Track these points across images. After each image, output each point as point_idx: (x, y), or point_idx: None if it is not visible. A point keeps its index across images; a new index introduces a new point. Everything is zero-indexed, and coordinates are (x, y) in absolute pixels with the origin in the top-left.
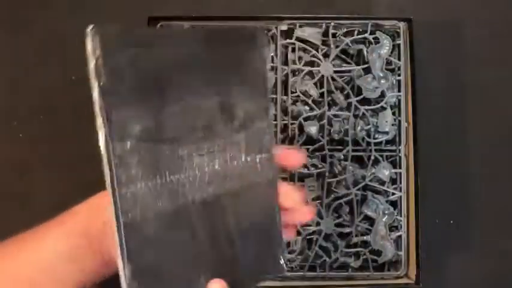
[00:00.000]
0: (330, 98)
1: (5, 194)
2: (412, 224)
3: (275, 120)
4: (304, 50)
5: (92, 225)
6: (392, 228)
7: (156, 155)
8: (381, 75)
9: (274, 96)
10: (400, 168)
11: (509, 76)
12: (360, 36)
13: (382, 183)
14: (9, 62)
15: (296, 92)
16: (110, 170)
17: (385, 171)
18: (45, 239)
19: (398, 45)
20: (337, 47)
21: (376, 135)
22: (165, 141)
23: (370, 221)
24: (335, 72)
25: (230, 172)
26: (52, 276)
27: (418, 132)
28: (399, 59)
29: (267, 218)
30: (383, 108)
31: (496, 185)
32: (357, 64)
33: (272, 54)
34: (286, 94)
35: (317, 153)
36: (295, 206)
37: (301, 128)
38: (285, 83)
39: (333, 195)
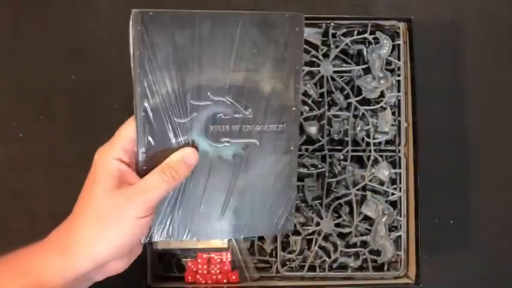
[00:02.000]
0: (329, 98)
1: (5, 194)
2: (412, 224)
3: None
4: (304, 50)
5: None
6: (392, 228)
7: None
8: (381, 75)
9: None
10: (399, 168)
11: (509, 76)
12: (359, 37)
13: (382, 183)
14: (9, 62)
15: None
16: (138, 123)
17: (384, 171)
18: None
19: (398, 45)
20: (337, 47)
21: (376, 136)
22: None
23: (370, 221)
24: (335, 72)
25: (249, 132)
26: None
27: (417, 132)
28: (399, 59)
29: (286, 179)
30: (383, 109)
31: (496, 185)
32: (357, 64)
33: None
34: None
35: (317, 153)
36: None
37: (301, 128)
38: None
39: (332, 195)
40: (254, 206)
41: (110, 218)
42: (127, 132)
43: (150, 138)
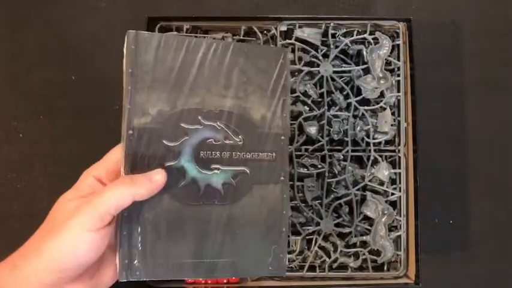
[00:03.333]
0: (329, 99)
1: (5, 194)
2: (412, 224)
3: None
4: (304, 51)
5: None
6: (392, 228)
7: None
8: (381, 75)
9: None
10: (399, 168)
11: (509, 76)
12: (359, 37)
13: (382, 183)
14: (9, 62)
15: (296, 92)
16: (125, 142)
17: (384, 172)
18: None
19: (398, 45)
20: (336, 47)
21: (376, 136)
22: (177, 125)
23: (370, 221)
24: (334, 72)
25: (239, 160)
26: None
27: (417, 132)
28: (398, 59)
29: (277, 212)
30: (382, 109)
31: (496, 185)
32: (357, 64)
33: None
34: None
35: (317, 154)
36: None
37: (300, 128)
38: None
39: (332, 196)
40: (243, 241)
41: (57, 228)
42: (114, 155)
43: (134, 160)
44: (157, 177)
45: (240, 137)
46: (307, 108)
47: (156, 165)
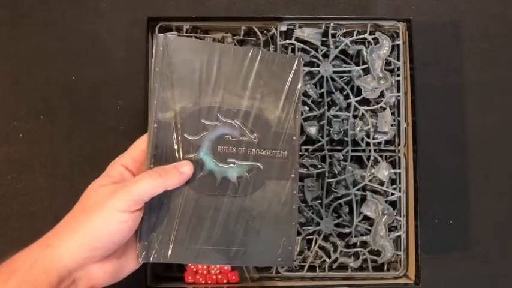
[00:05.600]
0: (329, 99)
1: (5, 194)
2: (412, 224)
3: None
4: (304, 51)
5: (40, 284)
6: (392, 228)
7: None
8: (381, 75)
9: None
10: (399, 168)
11: (509, 76)
12: (359, 37)
13: (382, 183)
14: (10, 63)
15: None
16: (150, 134)
17: (384, 172)
18: None
19: (398, 45)
20: (336, 47)
21: (376, 136)
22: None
23: (370, 221)
24: (334, 72)
25: (254, 156)
26: None
27: (417, 133)
28: (398, 60)
29: (288, 206)
30: (382, 109)
31: (496, 185)
32: (357, 64)
33: None
34: None
35: (317, 154)
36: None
37: (301, 128)
38: None
39: (332, 196)
40: (255, 232)
41: (91, 209)
42: (140, 145)
43: (158, 151)
44: (186, 169)
45: (255, 134)
46: (307, 108)
47: (178, 156)
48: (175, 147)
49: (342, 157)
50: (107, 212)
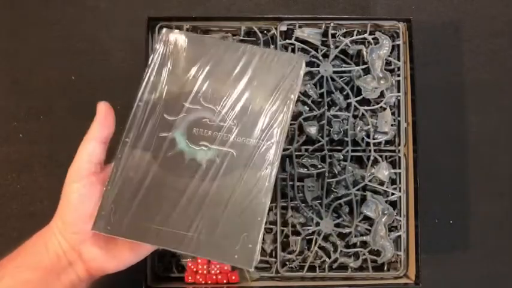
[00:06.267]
0: (329, 99)
1: (5, 194)
2: (412, 224)
3: None
4: (304, 51)
5: (42, 258)
6: (392, 228)
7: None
8: (381, 75)
9: None
10: (399, 168)
11: (509, 76)
12: (359, 37)
13: (382, 183)
14: (10, 63)
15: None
16: (132, 112)
17: (384, 172)
18: None
19: (398, 45)
20: (336, 47)
21: (376, 136)
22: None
23: (370, 221)
24: (334, 72)
25: (229, 141)
26: None
27: (417, 133)
28: (398, 60)
29: (256, 199)
30: (382, 109)
31: (496, 185)
32: (357, 64)
33: None
34: None
35: (317, 154)
36: None
37: (300, 128)
38: None
39: (332, 196)
40: (214, 221)
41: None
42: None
43: (134, 128)
44: (100, 106)
45: (235, 121)
46: (307, 108)
47: (153, 134)
48: (153, 126)
49: (342, 157)
50: (65, 188)
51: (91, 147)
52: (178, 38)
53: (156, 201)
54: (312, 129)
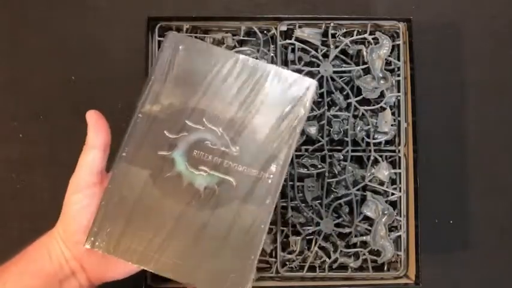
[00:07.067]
0: (329, 99)
1: (5, 194)
2: (412, 224)
3: None
4: (304, 51)
5: (45, 265)
6: (392, 228)
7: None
8: (381, 75)
9: None
10: (399, 168)
11: (509, 76)
12: (359, 37)
13: (382, 183)
14: (9, 63)
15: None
16: (132, 124)
17: (384, 172)
18: None
19: (398, 45)
20: (336, 47)
21: (376, 136)
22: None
23: (370, 221)
24: (334, 72)
25: (230, 169)
26: None
27: (417, 133)
28: (399, 60)
29: (250, 236)
30: (382, 109)
31: (496, 185)
32: (357, 64)
33: (272, 54)
34: None
35: (317, 154)
36: None
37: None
38: None
39: (332, 196)
40: (206, 254)
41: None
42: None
43: (132, 141)
44: (89, 114)
45: (237, 147)
46: None
47: (151, 151)
48: (152, 142)
49: (342, 157)
50: (66, 199)
51: (91, 157)
52: (185, 43)
53: (151, 226)
54: (312, 129)
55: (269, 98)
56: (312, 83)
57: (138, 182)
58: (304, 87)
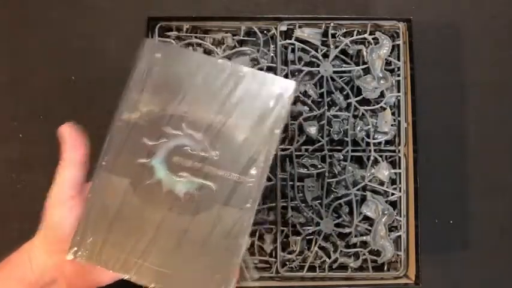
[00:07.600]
0: (329, 99)
1: (5, 194)
2: (412, 224)
3: None
4: (304, 51)
5: (27, 273)
6: (392, 228)
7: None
8: (381, 75)
9: None
10: (399, 168)
11: (509, 76)
12: (359, 37)
13: (382, 183)
14: (9, 62)
15: (296, 92)
16: (111, 132)
17: (384, 172)
18: None
19: (398, 45)
20: (336, 47)
21: (376, 136)
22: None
23: (370, 221)
24: (334, 72)
25: (210, 174)
26: None
27: (417, 133)
28: (399, 60)
29: (232, 239)
30: (382, 109)
31: (496, 185)
32: (357, 64)
33: (272, 54)
34: None
35: (317, 154)
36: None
37: (300, 128)
38: None
39: (332, 196)
40: (188, 258)
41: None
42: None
43: (112, 150)
44: (62, 129)
45: (217, 152)
46: (307, 108)
47: (131, 159)
48: (131, 150)
49: (342, 157)
50: (46, 210)
51: (71, 174)
52: (162, 51)
53: (132, 233)
54: (312, 129)
55: (248, 101)
56: (291, 83)
57: (118, 190)
58: (284, 88)
